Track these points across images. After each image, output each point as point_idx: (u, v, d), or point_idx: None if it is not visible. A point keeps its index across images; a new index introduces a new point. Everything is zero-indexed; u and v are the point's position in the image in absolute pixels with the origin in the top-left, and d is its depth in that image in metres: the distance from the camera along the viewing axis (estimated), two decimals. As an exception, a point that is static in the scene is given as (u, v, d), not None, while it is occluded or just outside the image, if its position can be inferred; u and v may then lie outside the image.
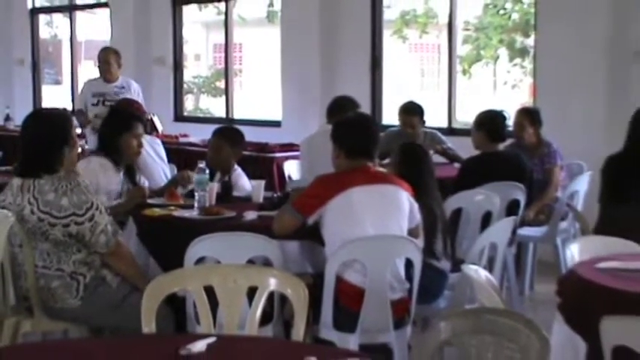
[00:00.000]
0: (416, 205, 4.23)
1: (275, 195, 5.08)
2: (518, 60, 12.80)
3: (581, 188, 6.30)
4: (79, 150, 4.41)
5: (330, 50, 9.22)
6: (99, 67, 8.07)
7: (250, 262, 3.87)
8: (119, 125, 5.09)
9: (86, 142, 7.51)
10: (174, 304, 3.77)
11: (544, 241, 6.31)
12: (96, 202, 3.90)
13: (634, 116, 4.91)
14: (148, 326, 2.97)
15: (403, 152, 4.73)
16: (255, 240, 3.98)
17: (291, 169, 6.91)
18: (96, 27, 13.03)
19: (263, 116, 10.73)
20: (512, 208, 5.54)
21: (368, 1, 9.02)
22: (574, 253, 3.84)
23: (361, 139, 4.22)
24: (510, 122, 6.40)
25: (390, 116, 8.96)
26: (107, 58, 7.97)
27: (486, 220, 5.11)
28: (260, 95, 13.23)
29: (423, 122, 7.07)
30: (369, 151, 4.22)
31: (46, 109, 6.15)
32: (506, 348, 2.51)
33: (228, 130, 5.70)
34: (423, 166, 4.63)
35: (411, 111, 7.04)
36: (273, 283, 3.16)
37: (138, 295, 3.50)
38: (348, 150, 4.19)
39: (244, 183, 5.44)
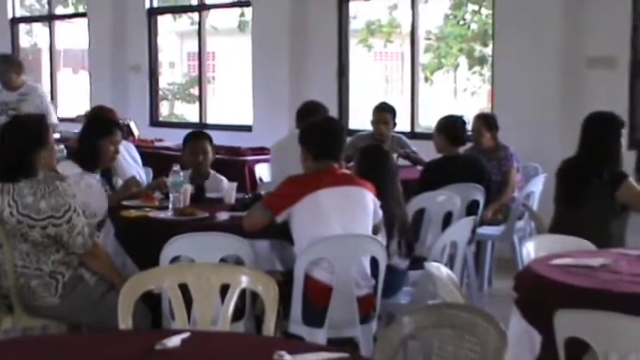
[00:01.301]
0: (378, 203, 4.25)
1: (246, 196, 5.07)
2: (477, 68, 12.90)
3: (537, 189, 6.35)
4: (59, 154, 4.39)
5: (298, 58, 9.22)
6: None
7: (223, 260, 3.86)
8: (100, 129, 5.05)
9: None
10: (150, 302, 3.75)
11: (502, 239, 6.35)
12: (73, 205, 3.87)
13: (584, 122, 4.94)
14: (125, 322, 2.95)
15: (363, 154, 4.70)
16: (228, 239, 3.97)
17: (262, 171, 6.90)
18: (74, 36, 12.93)
19: (235, 121, 10.70)
20: (471, 208, 5.58)
21: (335, 11, 9.03)
22: (530, 250, 3.87)
23: (327, 143, 4.22)
24: (470, 127, 6.44)
25: (357, 121, 8.99)
26: (3, 67, 7.63)
27: (447, 219, 5.13)
28: (232, 101, 13.20)
29: (395, 123, 7.10)
30: (335, 154, 4.22)
31: (24, 115, 6.07)
32: (467, 341, 2.53)
33: (205, 133, 5.73)
34: (382, 167, 4.57)
35: (386, 109, 7.07)
36: (244, 281, 3.16)
37: (115, 292, 3.48)
38: (316, 153, 4.20)
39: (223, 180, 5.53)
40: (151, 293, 3.36)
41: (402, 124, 7.87)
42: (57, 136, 6.93)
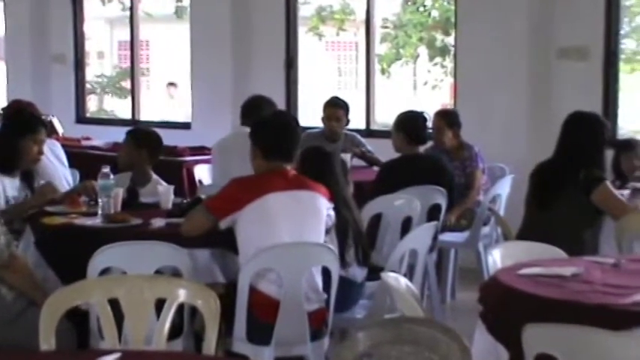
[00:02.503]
0: (331, 206, 4.26)
1: (184, 201, 5.05)
2: (438, 59, 12.99)
3: (504, 192, 6.41)
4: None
5: (242, 48, 9.20)
6: None
7: (158, 272, 3.84)
8: (21, 127, 4.98)
9: None
10: (76, 319, 3.71)
11: (466, 246, 6.40)
12: (-13, 212, 3.82)
13: (565, 122, 4.99)
14: (47, 343, 2.92)
15: (302, 158, 4.63)
16: (164, 249, 3.95)
17: (202, 173, 6.88)
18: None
19: (171, 118, 10.65)
20: (433, 213, 5.61)
21: (282, -4, 9.05)
22: (496, 259, 3.90)
23: (279, 139, 4.22)
24: (430, 124, 6.48)
25: (306, 118, 9.00)
26: None
27: (406, 225, 5.16)
28: (168, 95, 13.13)
29: (348, 120, 7.12)
30: (287, 152, 4.22)
31: None
32: (427, 358, 2.54)
33: (139, 131, 5.68)
34: (324, 170, 4.53)
35: (337, 104, 7.09)
36: (182, 294, 3.15)
37: (36, 309, 3.44)
38: (266, 150, 4.19)
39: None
40: (77, 310, 3.33)
41: (357, 120, 7.91)
42: None
